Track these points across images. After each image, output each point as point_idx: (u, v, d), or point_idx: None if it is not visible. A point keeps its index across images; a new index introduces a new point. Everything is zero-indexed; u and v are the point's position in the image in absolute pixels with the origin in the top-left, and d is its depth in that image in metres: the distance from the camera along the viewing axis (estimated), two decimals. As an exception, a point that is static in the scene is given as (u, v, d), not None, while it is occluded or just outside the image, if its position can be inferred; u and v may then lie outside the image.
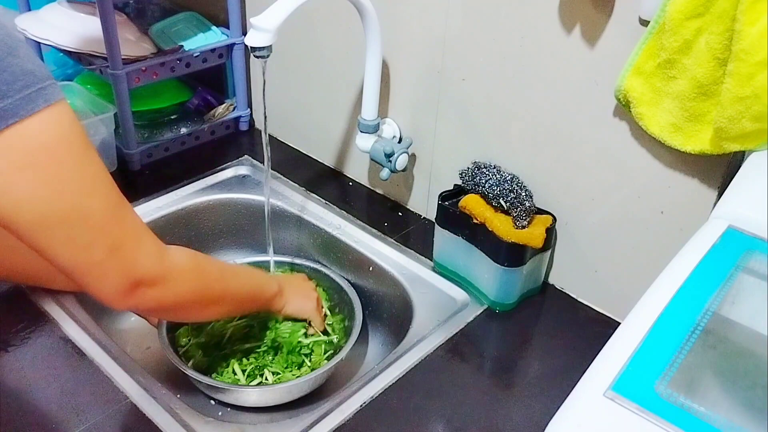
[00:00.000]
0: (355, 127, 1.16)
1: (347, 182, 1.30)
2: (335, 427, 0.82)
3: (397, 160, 1.10)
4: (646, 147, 0.87)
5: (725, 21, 0.70)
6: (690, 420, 0.47)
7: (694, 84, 0.75)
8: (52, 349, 0.89)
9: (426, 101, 1.10)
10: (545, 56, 0.92)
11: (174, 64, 1.25)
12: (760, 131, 0.71)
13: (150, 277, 0.70)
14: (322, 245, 1.17)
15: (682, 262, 0.60)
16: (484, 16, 0.96)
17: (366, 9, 0.99)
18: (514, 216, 0.96)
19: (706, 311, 0.55)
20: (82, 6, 1.25)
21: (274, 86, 1.30)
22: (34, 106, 0.59)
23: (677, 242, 0.64)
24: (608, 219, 0.95)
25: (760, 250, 0.62)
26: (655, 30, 0.77)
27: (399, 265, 1.08)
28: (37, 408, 0.81)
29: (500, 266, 0.96)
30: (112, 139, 1.22)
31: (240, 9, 1.29)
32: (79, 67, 1.30)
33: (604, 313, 1.01)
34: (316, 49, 1.23)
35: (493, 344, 0.97)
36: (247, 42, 0.90)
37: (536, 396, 0.88)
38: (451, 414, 0.85)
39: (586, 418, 0.48)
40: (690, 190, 0.86)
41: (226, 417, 0.96)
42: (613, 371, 0.50)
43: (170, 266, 0.72)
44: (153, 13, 1.41)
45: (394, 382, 0.88)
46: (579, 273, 1.02)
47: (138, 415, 0.81)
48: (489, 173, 0.99)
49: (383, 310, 1.11)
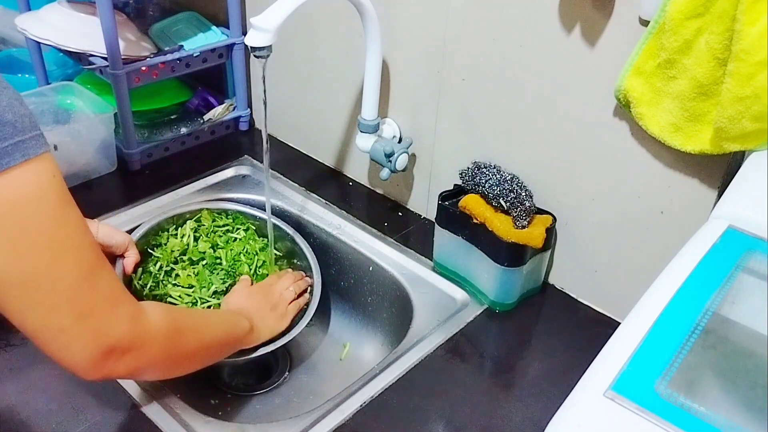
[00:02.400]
0: (355, 127, 1.16)
1: (347, 182, 1.30)
2: (335, 427, 0.82)
3: (397, 160, 1.10)
4: (646, 147, 0.87)
5: (725, 21, 0.70)
6: (690, 420, 0.47)
7: (694, 84, 0.75)
8: (52, 349, 0.89)
9: (426, 101, 1.10)
10: (545, 56, 0.92)
11: (174, 64, 1.25)
12: (760, 131, 0.71)
13: (123, 345, 0.65)
14: (322, 245, 1.17)
15: (682, 262, 0.60)
16: (484, 16, 0.96)
17: (366, 9, 0.99)
18: (514, 216, 0.96)
19: (706, 311, 0.55)
20: (82, 6, 1.25)
21: (274, 86, 1.30)
22: (9, 160, 0.56)
23: (677, 242, 0.64)
24: (608, 219, 0.95)
25: (760, 250, 0.62)
26: (655, 30, 0.77)
27: (399, 265, 1.08)
28: (37, 408, 0.81)
29: (500, 266, 0.96)
30: (112, 139, 1.22)
31: (240, 9, 1.29)
32: (79, 67, 1.30)
33: (604, 313, 1.01)
34: (316, 49, 1.23)
35: (493, 344, 0.97)
36: (247, 42, 0.90)
37: (536, 396, 0.88)
38: (451, 414, 0.85)
39: (586, 418, 0.48)
40: (690, 190, 0.86)
41: (226, 417, 0.96)
42: (613, 371, 0.50)
43: (145, 330, 0.68)
44: (153, 13, 1.41)
45: (394, 382, 0.88)
46: (579, 273, 1.02)
47: (138, 415, 0.81)
48: (489, 173, 0.99)
49: (383, 310, 1.11)
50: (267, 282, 1.05)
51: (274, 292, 1.01)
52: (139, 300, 0.69)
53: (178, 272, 1.04)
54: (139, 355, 0.67)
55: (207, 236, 1.10)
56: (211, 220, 1.12)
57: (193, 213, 1.12)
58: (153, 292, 1.01)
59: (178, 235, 1.09)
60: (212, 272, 1.06)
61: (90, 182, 1.21)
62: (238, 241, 1.12)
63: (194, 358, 0.79)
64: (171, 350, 0.73)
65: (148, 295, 1.00)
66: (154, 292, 1.01)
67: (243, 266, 1.07)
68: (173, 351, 0.74)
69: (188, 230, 1.09)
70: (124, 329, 0.65)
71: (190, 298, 1.01)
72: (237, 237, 1.12)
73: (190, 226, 1.10)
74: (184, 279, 1.03)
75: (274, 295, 1.01)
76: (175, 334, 0.73)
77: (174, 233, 1.09)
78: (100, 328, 0.63)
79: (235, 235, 1.13)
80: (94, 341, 0.63)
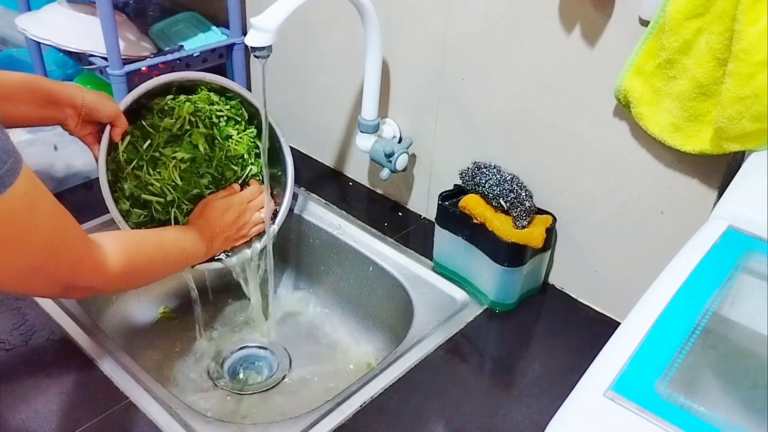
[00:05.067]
0: (355, 127, 1.16)
1: (347, 182, 1.30)
2: (335, 427, 0.82)
3: (397, 160, 1.10)
4: (646, 147, 0.87)
5: (725, 21, 0.70)
6: (690, 420, 0.47)
7: (694, 84, 0.75)
8: (52, 349, 0.89)
9: (426, 101, 1.10)
10: (545, 56, 0.92)
11: (174, 64, 1.25)
12: (760, 131, 0.71)
13: (84, 287, 0.75)
14: (322, 245, 1.17)
15: (682, 262, 0.60)
16: (484, 16, 0.96)
17: (366, 9, 0.99)
18: (514, 216, 0.96)
19: (706, 311, 0.55)
20: (82, 6, 1.25)
21: (274, 86, 1.30)
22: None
23: (677, 242, 0.64)
24: (608, 219, 0.95)
25: (760, 250, 0.62)
26: (655, 30, 0.77)
27: (399, 265, 1.08)
28: (38, 408, 0.81)
29: (500, 266, 0.96)
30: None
31: (240, 9, 1.29)
32: (79, 67, 1.30)
33: (604, 313, 1.01)
34: (316, 49, 1.23)
35: (493, 344, 0.97)
36: (247, 42, 0.90)
37: (536, 396, 0.88)
38: (451, 414, 0.85)
39: (586, 418, 0.48)
40: (690, 190, 0.86)
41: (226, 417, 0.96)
42: (613, 371, 0.50)
43: (104, 276, 0.76)
44: (153, 13, 1.41)
45: (394, 382, 0.88)
46: (579, 273, 1.02)
47: (138, 415, 0.81)
48: (489, 173, 0.99)
49: (383, 310, 1.11)
50: (245, 196, 1.06)
51: (247, 212, 1.06)
52: (121, 174, 0.88)
53: (166, 161, 1.00)
54: (98, 289, 0.78)
55: (203, 124, 1.04)
56: (209, 103, 1.06)
57: (190, 84, 1.05)
58: (135, 172, 0.99)
59: (175, 113, 1.02)
60: (198, 173, 1.02)
61: (90, 182, 1.21)
62: (232, 140, 1.07)
63: (145, 281, 0.92)
64: (125, 283, 0.85)
65: (130, 174, 0.98)
66: (137, 172, 0.99)
67: (230, 172, 1.05)
68: (127, 283, 0.86)
69: (185, 112, 1.02)
70: (86, 279, 0.74)
71: (170, 195, 0.99)
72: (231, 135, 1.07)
73: (186, 108, 1.02)
74: (168, 173, 1.00)
75: (246, 215, 1.05)
76: (130, 271, 0.81)
77: (170, 107, 1.02)
78: (65, 282, 0.71)
79: (233, 131, 1.08)
80: (60, 289, 0.73)
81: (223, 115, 1.07)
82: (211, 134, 1.04)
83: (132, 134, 0.99)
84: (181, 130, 1.02)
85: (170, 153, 1.00)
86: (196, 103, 1.04)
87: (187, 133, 1.02)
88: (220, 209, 1.01)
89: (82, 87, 0.93)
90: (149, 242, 0.89)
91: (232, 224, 1.02)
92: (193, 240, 0.97)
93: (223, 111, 1.07)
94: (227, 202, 1.03)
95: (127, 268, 0.80)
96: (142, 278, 0.89)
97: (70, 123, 0.93)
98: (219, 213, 1.01)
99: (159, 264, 0.90)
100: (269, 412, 1.02)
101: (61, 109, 0.91)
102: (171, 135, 1.01)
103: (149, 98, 1.02)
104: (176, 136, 1.02)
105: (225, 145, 1.05)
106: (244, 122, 1.09)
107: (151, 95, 1.01)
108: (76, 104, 0.91)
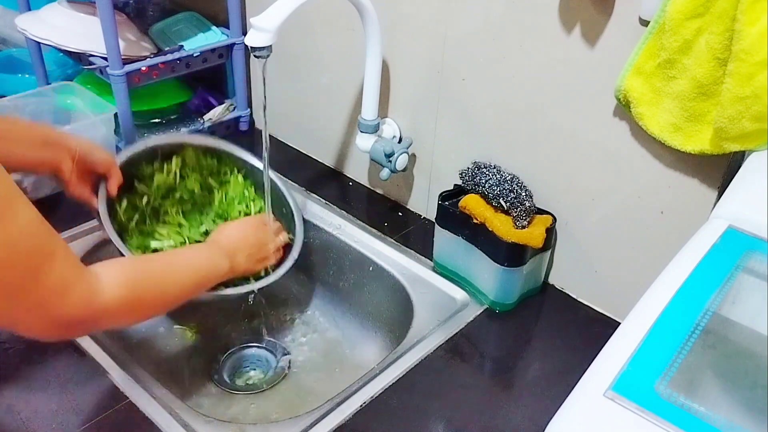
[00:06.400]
0: (355, 127, 1.16)
1: (347, 182, 1.30)
2: (335, 427, 0.82)
3: (397, 160, 1.10)
4: (646, 147, 0.87)
5: (725, 21, 0.70)
6: (690, 420, 0.47)
7: (694, 84, 0.75)
8: (52, 349, 0.89)
9: (426, 101, 1.10)
10: (545, 56, 0.92)
11: (174, 65, 1.25)
12: (760, 131, 0.71)
13: (79, 320, 0.68)
14: (322, 245, 1.17)
15: (682, 262, 0.60)
16: (484, 15, 0.96)
17: (366, 9, 0.99)
18: (514, 216, 0.96)
19: (706, 311, 0.55)
20: (82, 6, 1.25)
21: (274, 86, 1.30)
22: None
23: (677, 242, 0.64)
24: (608, 219, 0.95)
25: (760, 250, 0.62)
26: (655, 30, 0.77)
27: (399, 265, 1.08)
28: (38, 408, 0.81)
29: (500, 266, 0.96)
30: (112, 140, 1.22)
31: (240, 9, 1.29)
32: (79, 67, 1.30)
33: (604, 313, 1.01)
34: (317, 49, 1.23)
35: (493, 344, 0.97)
36: (247, 42, 0.90)
37: (536, 396, 0.88)
38: (451, 414, 0.85)
39: (586, 418, 0.48)
40: (690, 190, 0.86)
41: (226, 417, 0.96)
42: (613, 371, 0.50)
43: (100, 307, 0.69)
44: (153, 13, 1.41)
45: (394, 382, 0.88)
46: (579, 273, 1.02)
47: (138, 415, 0.81)
48: (489, 173, 0.99)
49: (383, 310, 1.11)
50: (262, 220, 1.05)
51: (267, 233, 1.03)
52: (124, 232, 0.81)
53: (167, 209, 1.01)
54: (96, 325, 0.72)
55: (194, 174, 1.06)
56: (195, 159, 1.08)
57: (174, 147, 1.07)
58: (139, 227, 0.99)
59: (164, 171, 1.04)
60: (202, 213, 1.04)
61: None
62: (230, 184, 1.09)
63: (156, 311, 0.85)
64: (128, 315, 0.77)
65: (134, 230, 0.98)
66: (141, 227, 0.99)
67: (234, 210, 1.06)
68: (131, 316, 0.78)
69: (174, 167, 1.05)
70: (79, 312, 0.67)
71: (179, 237, 1.00)
72: (225, 181, 1.09)
73: (175, 163, 1.05)
74: (173, 217, 1.01)
75: (266, 235, 1.02)
76: (133, 301, 0.74)
77: (159, 167, 1.04)
78: (54, 315, 0.66)
79: (228, 178, 1.10)
80: (50, 324, 0.67)
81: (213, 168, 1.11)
82: (205, 181, 1.08)
83: (128, 199, 1.00)
84: (175, 181, 1.05)
85: (170, 202, 1.03)
86: (184, 158, 1.07)
87: (182, 180, 1.05)
88: (238, 227, 1.01)
89: (77, 139, 0.93)
90: (156, 266, 0.84)
91: (253, 241, 0.99)
92: (210, 257, 0.92)
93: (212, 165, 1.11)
94: (243, 221, 1.03)
95: (128, 298, 0.73)
96: (149, 308, 0.81)
97: (65, 169, 0.90)
98: (236, 230, 1.00)
99: (170, 289, 0.83)
100: (269, 412, 1.02)
101: (56, 151, 0.89)
102: (166, 189, 1.04)
103: (137, 167, 1.03)
104: (171, 188, 1.05)
105: (222, 188, 1.09)
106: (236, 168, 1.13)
107: (138, 163, 1.03)
108: (71, 146, 0.90)
